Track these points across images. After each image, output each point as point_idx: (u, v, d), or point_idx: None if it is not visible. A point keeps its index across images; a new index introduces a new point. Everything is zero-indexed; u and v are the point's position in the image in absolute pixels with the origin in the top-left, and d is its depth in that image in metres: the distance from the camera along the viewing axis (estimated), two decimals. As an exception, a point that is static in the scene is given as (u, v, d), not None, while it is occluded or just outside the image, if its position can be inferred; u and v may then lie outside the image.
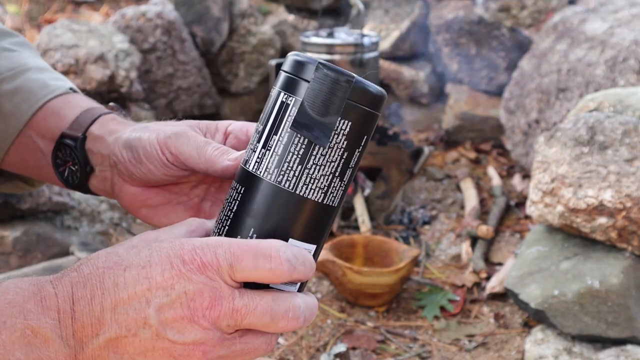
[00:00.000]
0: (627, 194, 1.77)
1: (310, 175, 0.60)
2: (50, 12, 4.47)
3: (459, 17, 3.29)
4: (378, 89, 0.62)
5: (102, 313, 0.56)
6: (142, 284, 0.56)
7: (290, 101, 0.61)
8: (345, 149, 0.61)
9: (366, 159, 2.65)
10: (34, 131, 0.83)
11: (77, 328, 0.56)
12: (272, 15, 3.67)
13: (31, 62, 0.87)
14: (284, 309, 0.58)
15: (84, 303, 0.56)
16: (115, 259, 0.58)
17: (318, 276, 2.30)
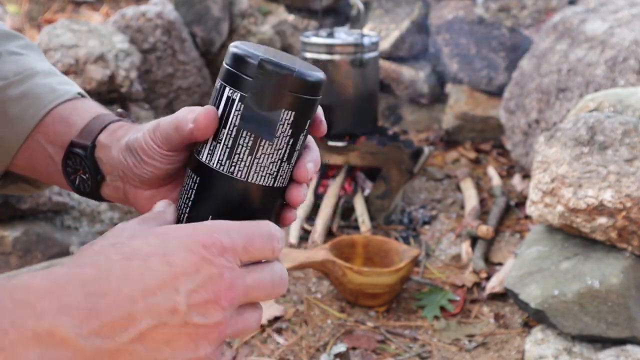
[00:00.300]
0: (627, 194, 1.77)
1: (260, 164, 0.65)
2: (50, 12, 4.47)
3: (459, 17, 3.29)
4: (316, 76, 0.66)
5: (132, 306, 0.55)
6: (167, 272, 0.56)
7: (235, 96, 0.64)
8: (291, 136, 0.66)
9: (366, 159, 2.66)
10: (42, 137, 0.83)
11: (105, 324, 0.54)
12: (272, 15, 3.67)
13: (38, 66, 0.87)
14: (279, 276, 0.63)
15: (110, 299, 0.54)
16: (127, 250, 0.57)
17: (318, 276, 2.31)
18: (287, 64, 0.64)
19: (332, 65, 2.65)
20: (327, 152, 2.67)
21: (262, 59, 0.63)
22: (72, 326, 0.53)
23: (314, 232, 2.43)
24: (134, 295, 0.55)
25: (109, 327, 0.54)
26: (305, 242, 2.47)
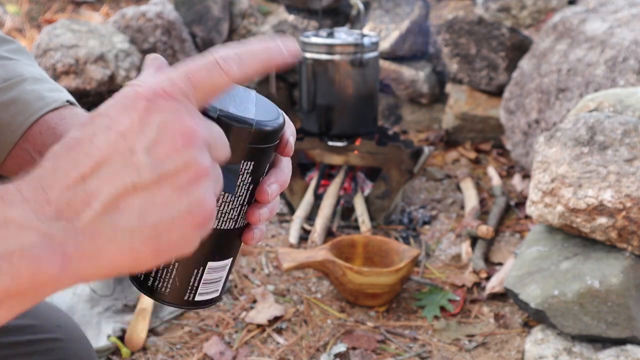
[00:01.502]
0: (627, 194, 1.78)
1: (221, 212, 0.65)
2: (51, 12, 4.47)
3: (459, 17, 3.29)
4: (275, 123, 0.64)
5: (84, 184, 0.51)
6: (116, 139, 0.51)
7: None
8: (251, 182, 0.65)
9: (366, 159, 2.66)
10: (30, 145, 0.82)
11: (61, 209, 0.50)
12: (272, 15, 3.67)
13: (27, 72, 0.86)
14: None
15: (58, 187, 0.51)
16: (72, 142, 0.52)
17: (318, 276, 2.31)
18: (245, 115, 0.61)
19: (332, 65, 2.65)
20: (327, 152, 2.67)
21: (221, 115, 0.60)
22: (26, 212, 0.49)
23: (314, 232, 2.43)
24: (83, 174, 0.51)
25: (67, 209, 0.50)
26: (305, 242, 2.47)
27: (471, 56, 3.29)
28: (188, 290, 0.67)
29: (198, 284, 0.67)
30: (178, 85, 0.54)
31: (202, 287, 0.67)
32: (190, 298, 0.67)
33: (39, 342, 0.98)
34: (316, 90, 2.67)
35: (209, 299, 0.69)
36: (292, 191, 2.73)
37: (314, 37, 2.72)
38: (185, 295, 0.67)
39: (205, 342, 1.99)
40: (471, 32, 3.27)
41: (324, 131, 2.71)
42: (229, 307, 2.16)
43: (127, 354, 1.93)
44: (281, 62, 0.59)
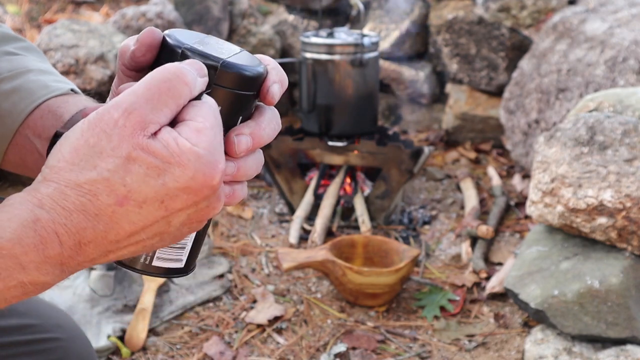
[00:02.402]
0: (627, 194, 1.78)
1: None
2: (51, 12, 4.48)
3: (459, 17, 3.29)
4: (250, 71, 0.61)
5: (116, 245, 0.57)
6: (162, 215, 0.57)
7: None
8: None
9: (366, 159, 2.66)
10: (30, 131, 0.82)
11: (85, 262, 0.57)
12: (272, 15, 3.67)
13: (33, 65, 0.86)
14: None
15: (93, 245, 0.56)
16: (122, 192, 0.55)
17: (318, 276, 2.31)
18: (215, 54, 0.60)
19: (332, 65, 2.65)
20: (327, 152, 2.67)
21: (186, 48, 0.59)
22: (53, 271, 0.55)
23: (314, 232, 2.43)
24: (119, 239, 0.56)
25: (88, 262, 0.57)
26: (305, 242, 2.47)
27: (471, 56, 3.29)
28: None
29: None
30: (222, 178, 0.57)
31: (160, 251, 0.64)
32: (147, 261, 0.65)
33: (39, 342, 0.98)
34: (316, 90, 2.67)
35: (169, 267, 0.66)
36: (292, 191, 2.73)
37: (314, 37, 2.72)
38: (142, 257, 0.65)
39: (205, 342, 1.99)
40: (471, 32, 3.27)
41: (324, 131, 2.71)
42: (229, 307, 2.16)
43: (127, 354, 1.93)
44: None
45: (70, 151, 0.55)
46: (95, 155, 0.54)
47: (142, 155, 0.54)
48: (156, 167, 0.54)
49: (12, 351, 0.95)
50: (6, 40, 0.88)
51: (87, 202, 0.54)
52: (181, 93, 0.55)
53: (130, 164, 0.54)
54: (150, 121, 0.54)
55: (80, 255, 0.55)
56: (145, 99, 0.54)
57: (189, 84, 0.56)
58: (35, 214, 0.54)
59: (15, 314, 0.98)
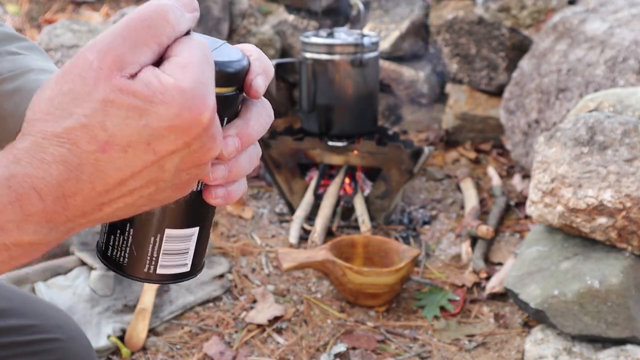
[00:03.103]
0: (627, 194, 1.77)
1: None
2: (51, 12, 4.48)
3: (459, 17, 3.29)
4: (231, 66, 0.56)
5: (106, 196, 0.52)
6: (151, 160, 0.52)
7: None
8: None
9: (366, 159, 2.66)
10: None
11: (74, 216, 0.53)
12: (272, 15, 3.67)
13: (35, 64, 0.86)
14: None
15: (80, 197, 0.52)
16: (102, 137, 0.50)
17: (318, 276, 2.31)
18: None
19: (332, 65, 2.65)
20: (327, 152, 2.67)
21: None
22: (39, 229, 0.52)
23: (314, 232, 2.43)
24: (107, 189, 0.52)
25: (80, 217, 0.53)
26: (305, 242, 2.47)
27: (471, 56, 3.29)
28: (147, 261, 0.61)
29: (157, 255, 0.61)
30: (215, 114, 0.53)
31: (163, 259, 0.61)
32: (150, 270, 0.61)
33: (39, 342, 0.98)
34: (316, 90, 2.67)
35: (174, 273, 0.62)
36: (292, 191, 2.73)
37: (314, 37, 2.72)
38: (145, 267, 0.61)
39: (205, 342, 1.99)
40: (471, 32, 3.27)
41: (324, 131, 2.71)
42: (229, 307, 2.16)
43: (127, 354, 1.93)
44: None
45: (45, 101, 0.51)
46: (71, 102, 0.51)
47: (121, 97, 0.50)
48: (137, 107, 0.50)
49: (11, 352, 0.95)
50: (8, 40, 0.88)
51: (67, 152, 0.50)
52: (163, 30, 0.51)
53: (108, 107, 0.50)
54: (128, 61, 0.50)
55: (68, 209, 0.51)
56: (122, 38, 0.50)
57: (171, 21, 0.51)
58: (10, 170, 0.51)
59: (15, 314, 0.98)
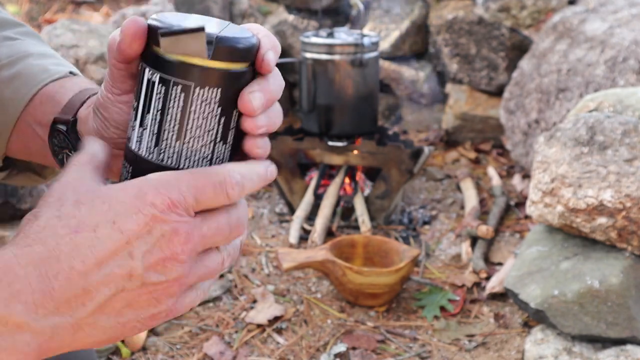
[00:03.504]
0: (627, 194, 1.78)
1: (190, 149, 0.60)
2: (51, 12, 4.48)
3: (459, 17, 3.29)
4: (245, 42, 0.59)
5: (86, 281, 0.55)
6: (119, 239, 0.56)
7: (155, 77, 0.59)
8: (221, 114, 0.60)
9: (366, 159, 2.66)
10: (31, 117, 0.81)
11: (61, 304, 0.55)
12: (272, 15, 3.67)
13: (33, 49, 0.85)
14: (235, 220, 0.61)
15: (63, 277, 0.54)
16: (74, 222, 0.56)
17: (318, 276, 2.31)
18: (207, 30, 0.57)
19: (332, 65, 2.65)
20: (327, 152, 2.67)
21: (165, 31, 0.56)
22: (26, 311, 0.54)
23: (314, 232, 2.43)
24: (86, 270, 0.55)
25: (66, 306, 0.55)
26: (305, 242, 2.47)
27: (471, 56, 3.29)
28: None
29: None
30: (185, 200, 0.58)
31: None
32: None
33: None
34: (316, 90, 2.67)
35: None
36: (292, 191, 2.74)
37: (314, 37, 2.72)
38: None
39: (205, 342, 1.99)
40: (471, 32, 3.27)
41: (324, 131, 2.71)
42: (229, 307, 2.16)
43: (127, 354, 1.93)
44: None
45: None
46: (48, 206, 0.58)
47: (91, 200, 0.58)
48: (103, 200, 0.57)
49: (11, 352, 0.95)
50: (5, 26, 0.87)
51: (45, 237, 0.55)
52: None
53: (79, 204, 0.57)
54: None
55: (54, 292, 0.54)
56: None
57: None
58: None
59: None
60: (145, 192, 0.57)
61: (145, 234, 0.56)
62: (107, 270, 0.56)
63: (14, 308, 0.53)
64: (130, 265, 0.56)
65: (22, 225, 0.58)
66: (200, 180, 0.58)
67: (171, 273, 0.58)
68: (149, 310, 0.58)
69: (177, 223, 0.57)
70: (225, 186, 0.59)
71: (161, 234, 0.57)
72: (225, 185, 0.59)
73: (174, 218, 0.57)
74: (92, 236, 0.55)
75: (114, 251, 0.56)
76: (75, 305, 0.55)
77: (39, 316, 0.54)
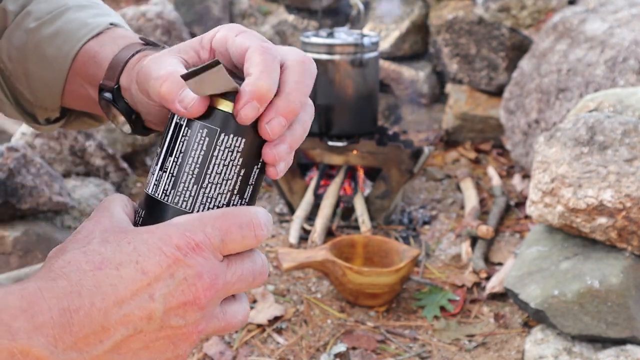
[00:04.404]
0: (627, 194, 1.78)
1: (206, 195, 0.60)
2: (50, 12, 4.47)
3: (459, 17, 3.29)
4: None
5: (105, 318, 0.55)
6: (141, 279, 0.56)
7: (182, 121, 0.59)
8: (242, 165, 0.59)
9: (366, 159, 2.66)
10: (79, 77, 0.80)
11: (79, 340, 0.55)
12: (272, 15, 3.67)
13: (71, 2, 0.83)
14: (260, 266, 0.61)
15: (83, 313, 0.55)
16: (98, 259, 0.56)
17: (318, 276, 2.31)
18: (233, 77, 0.57)
19: (332, 65, 2.65)
20: (327, 152, 2.67)
21: (187, 72, 0.56)
22: (47, 344, 0.53)
23: (314, 232, 2.43)
24: (106, 308, 0.55)
25: (83, 342, 0.55)
26: (305, 242, 2.47)
27: (471, 56, 3.29)
28: None
29: None
30: (210, 242, 0.57)
31: None
32: None
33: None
34: (316, 90, 2.67)
35: None
36: (292, 191, 2.74)
37: (314, 37, 2.72)
38: None
39: (205, 342, 1.99)
40: (471, 32, 3.27)
41: (324, 131, 2.71)
42: (229, 307, 2.16)
43: (127, 354, 1.93)
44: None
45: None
46: (76, 242, 0.58)
47: (116, 236, 0.58)
48: (128, 240, 0.57)
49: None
50: None
51: (70, 271, 0.55)
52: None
53: (106, 242, 0.57)
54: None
55: (73, 326, 0.54)
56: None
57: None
58: (24, 284, 0.55)
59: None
60: (170, 235, 0.56)
61: (167, 277, 0.56)
62: (127, 310, 0.55)
63: (36, 340, 0.53)
64: (150, 307, 0.56)
65: (48, 257, 0.58)
66: (226, 221, 0.58)
67: (191, 317, 0.57)
68: (165, 354, 0.58)
69: (201, 266, 0.56)
70: (253, 227, 0.58)
71: (184, 277, 0.56)
72: (254, 226, 0.58)
73: (198, 261, 0.56)
74: (114, 274, 0.55)
75: (135, 291, 0.55)
76: (92, 342, 0.55)
77: (58, 350, 0.54)
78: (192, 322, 0.57)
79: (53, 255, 0.58)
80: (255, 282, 0.61)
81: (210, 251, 0.57)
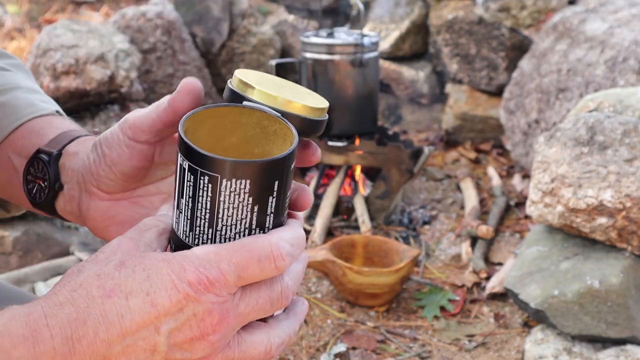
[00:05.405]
0: (627, 194, 1.78)
1: (223, 236, 0.58)
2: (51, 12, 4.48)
3: (459, 17, 3.29)
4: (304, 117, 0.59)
5: (108, 349, 0.55)
6: (149, 312, 0.55)
7: (185, 164, 0.58)
8: (253, 203, 0.57)
9: (366, 159, 2.66)
10: (10, 148, 0.81)
11: None
12: (272, 15, 3.67)
13: (23, 83, 0.86)
14: (278, 292, 0.59)
15: (86, 342, 0.54)
16: (110, 285, 0.56)
17: (318, 276, 2.31)
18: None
19: (332, 65, 2.65)
20: (327, 152, 2.67)
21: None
22: None
23: (314, 232, 2.43)
24: (110, 339, 0.55)
25: None
26: (305, 242, 2.46)
27: (471, 56, 3.29)
28: None
29: None
30: (225, 279, 0.56)
31: None
32: None
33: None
34: (316, 90, 2.67)
35: None
36: (292, 191, 2.73)
37: (314, 37, 2.72)
38: None
39: (205, 342, 1.99)
40: (471, 32, 3.27)
41: (324, 131, 2.71)
42: (229, 307, 2.16)
43: (127, 354, 1.93)
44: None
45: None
46: (95, 262, 0.58)
47: (134, 261, 0.57)
48: (144, 267, 0.56)
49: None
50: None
51: (78, 296, 0.55)
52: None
53: (122, 266, 0.56)
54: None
55: (74, 357, 0.54)
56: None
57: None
58: (29, 308, 0.55)
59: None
60: (185, 269, 0.56)
61: (176, 312, 0.55)
62: (130, 342, 0.55)
63: None
64: (154, 340, 0.55)
65: (66, 274, 0.57)
66: (243, 255, 0.56)
67: (197, 352, 0.56)
68: None
69: (211, 304, 0.56)
70: (273, 259, 0.57)
71: (193, 313, 0.55)
72: (274, 258, 0.57)
73: (209, 299, 0.55)
74: (123, 304, 0.55)
75: (141, 324, 0.55)
76: None
77: None
78: (199, 357, 0.56)
79: (70, 274, 0.57)
80: (273, 308, 0.59)
81: (224, 287, 0.56)
